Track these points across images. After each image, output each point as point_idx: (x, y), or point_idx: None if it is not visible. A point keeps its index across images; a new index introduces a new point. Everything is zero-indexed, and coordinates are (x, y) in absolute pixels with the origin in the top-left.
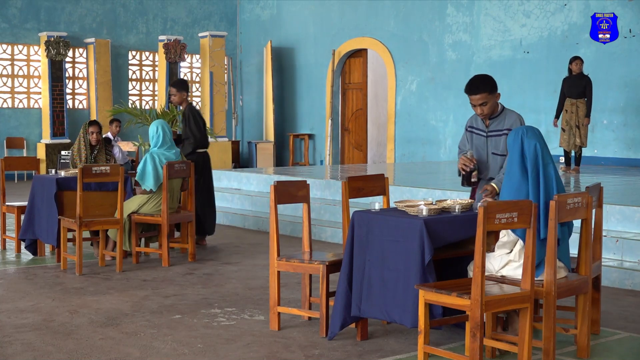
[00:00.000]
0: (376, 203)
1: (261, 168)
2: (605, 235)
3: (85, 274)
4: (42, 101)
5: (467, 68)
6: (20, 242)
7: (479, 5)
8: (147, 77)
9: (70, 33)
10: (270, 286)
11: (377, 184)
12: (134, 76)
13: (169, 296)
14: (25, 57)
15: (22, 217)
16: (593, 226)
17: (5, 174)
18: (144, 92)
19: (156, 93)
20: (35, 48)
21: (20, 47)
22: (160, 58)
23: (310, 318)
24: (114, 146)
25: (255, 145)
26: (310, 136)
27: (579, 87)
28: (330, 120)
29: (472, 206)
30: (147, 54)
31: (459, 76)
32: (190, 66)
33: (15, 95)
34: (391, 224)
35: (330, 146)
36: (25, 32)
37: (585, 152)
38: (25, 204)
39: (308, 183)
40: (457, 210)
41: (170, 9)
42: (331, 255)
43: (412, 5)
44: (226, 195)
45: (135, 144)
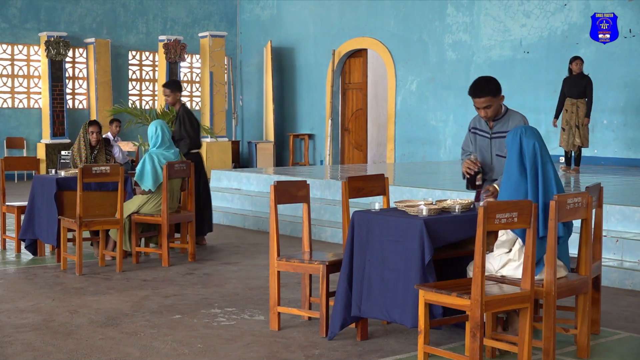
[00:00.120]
0: (376, 203)
1: (261, 168)
2: (605, 235)
3: (85, 274)
4: (42, 101)
5: (467, 68)
6: (20, 242)
7: (479, 5)
8: (147, 77)
9: (70, 33)
10: (270, 286)
11: (377, 184)
12: (134, 76)
13: (169, 296)
14: (25, 57)
15: (22, 217)
16: (593, 226)
17: (5, 174)
18: (144, 92)
19: (156, 93)
20: (35, 48)
21: (20, 47)
22: (160, 58)
23: (310, 318)
24: (114, 146)
25: (255, 145)
26: (310, 136)
27: (579, 87)
28: (330, 120)
29: (474, 206)
30: (147, 54)
31: (459, 76)
32: (190, 66)
33: (15, 95)
34: (391, 224)
35: (330, 146)
36: (25, 32)
37: (585, 152)
38: (25, 204)
39: (308, 183)
40: (457, 210)
41: (170, 9)
42: (331, 255)
43: (412, 5)
44: (226, 195)
45: (135, 144)
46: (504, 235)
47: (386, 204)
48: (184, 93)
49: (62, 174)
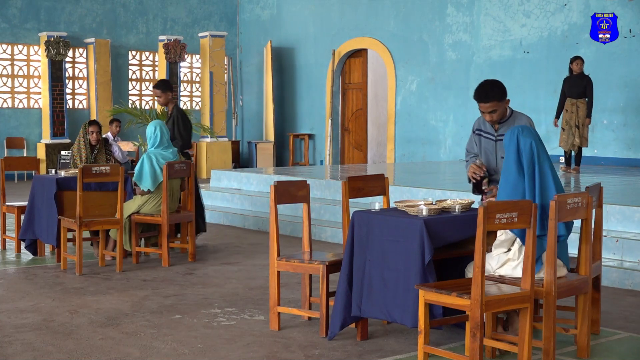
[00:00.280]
0: (376, 203)
1: (261, 168)
2: (605, 235)
3: (85, 274)
4: (42, 101)
5: (467, 68)
6: (20, 242)
7: (479, 5)
8: (147, 77)
9: (70, 33)
10: (270, 286)
11: (377, 184)
12: (134, 76)
13: (169, 296)
14: (25, 57)
15: (22, 217)
16: (593, 226)
17: (5, 174)
18: (144, 92)
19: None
20: (35, 48)
21: (20, 47)
22: (160, 58)
23: (310, 318)
24: (113, 145)
25: (255, 145)
26: (310, 136)
27: (579, 87)
28: (330, 120)
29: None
30: (147, 54)
31: (459, 76)
32: (190, 66)
33: (15, 95)
34: (391, 224)
35: (330, 146)
36: (25, 32)
37: (585, 152)
38: (25, 204)
39: (308, 183)
40: (457, 210)
41: (170, 9)
42: (331, 255)
43: (412, 5)
44: (226, 195)
45: (135, 144)
46: (502, 235)
47: (386, 204)
48: (184, 93)
49: (62, 174)
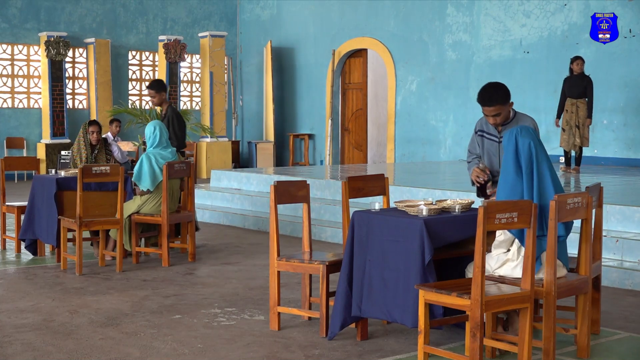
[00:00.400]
0: (376, 203)
1: (261, 168)
2: (605, 235)
3: (85, 274)
4: (42, 101)
5: (467, 68)
6: (20, 242)
7: (479, 5)
8: (147, 77)
9: (70, 33)
10: (270, 286)
11: (377, 184)
12: (134, 76)
13: (169, 296)
14: (25, 57)
15: (22, 217)
16: (593, 226)
17: (5, 174)
18: (144, 92)
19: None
20: (35, 48)
21: (20, 47)
22: (160, 58)
23: (310, 318)
24: (112, 145)
25: (255, 145)
26: (310, 136)
27: (579, 87)
28: (330, 120)
29: None
30: (147, 54)
31: (459, 76)
32: (190, 66)
33: (15, 95)
34: (391, 224)
35: (330, 146)
36: (25, 32)
37: (585, 152)
38: (25, 204)
39: (308, 183)
40: (457, 210)
41: (170, 9)
42: (331, 255)
43: (412, 5)
44: (226, 195)
45: (135, 144)
46: (501, 235)
47: (386, 204)
48: (184, 93)
49: (62, 174)
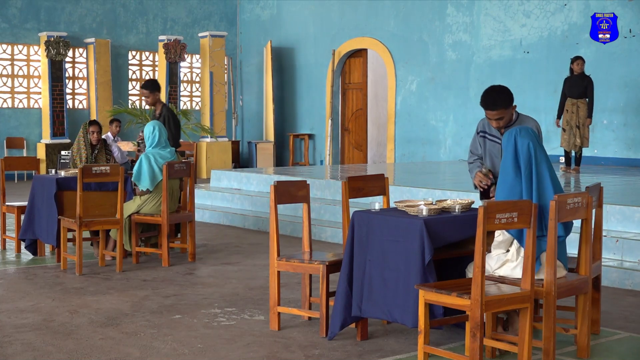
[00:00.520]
0: (376, 203)
1: (261, 168)
2: (605, 235)
3: (85, 274)
4: (42, 101)
5: (467, 68)
6: (20, 242)
7: (479, 5)
8: (147, 77)
9: (70, 33)
10: (270, 286)
11: (377, 184)
12: (134, 76)
13: (169, 296)
14: (25, 57)
15: (22, 217)
16: (593, 226)
17: (5, 174)
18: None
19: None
20: (35, 48)
21: (20, 47)
22: (160, 58)
23: (310, 318)
24: (112, 146)
25: (255, 145)
26: (310, 136)
27: (580, 87)
28: (330, 120)
29: None
30: (147, 54)
31: (459, 76)
32: (190, 66)
33: (15, 95)
34: (391, 224)
35: (330, 146)
36: (25, 32)
37: (585, 152)
38: (25, 204)
39: (308, 183)
40: (457, 210)
41: (170, 9)
42: (331, 255)
43: (412, 5)
44: (226, 195)
45: (135, 143)
46: (500, 235)
47: (386, 204)
48: (184, 93)
49: (62, 174)
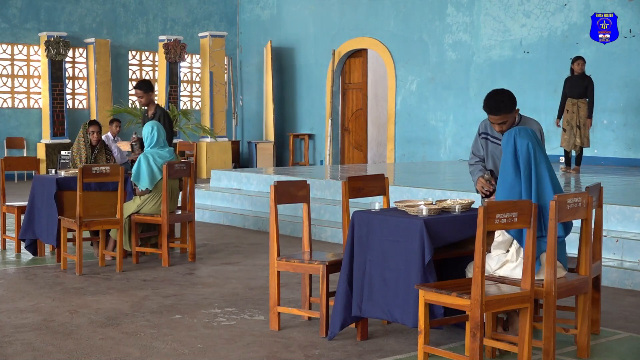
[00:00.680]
0: (376, 203)
1: (261, 168)
2: (605, 235)
3: (85, 274)
4: (42, 101)
5: (467, 68)
6: (20, 242)
7: (479, 5)
8: (147, 77)
9: (70, 33)
10: (270, 286)
11: (377, 184)
12: (134, 76)
13: (169, 296)
14: (25, 57)
15: (22, 217)
16: (593, 226)
17: (5, 174)
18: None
19: (156, 93)
20: (35, 48)
21: (20, 47)
22: (160, 58)
23: (310, 318)
24: (111, 145)
25: (255, 145)
26: (310, 136)
27: (580, 88)
28: (330, 120)
29: None
30: (147, 54)
31: (459, 76)
32: (190, 66)
33: (15, 95)
34: (391, 224)
35: (330, 146)
36: (25, 32)
37: (585, 152)
38: (25, 204)
39: (308, 183)
40: (457, 210)
41: (170, 9)
42: (331, 255)
43: (412, 5)
44: (226, 195)
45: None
46: (500, 236)
47: (386, 204)
48: (184, 93)
49: (62, 174)
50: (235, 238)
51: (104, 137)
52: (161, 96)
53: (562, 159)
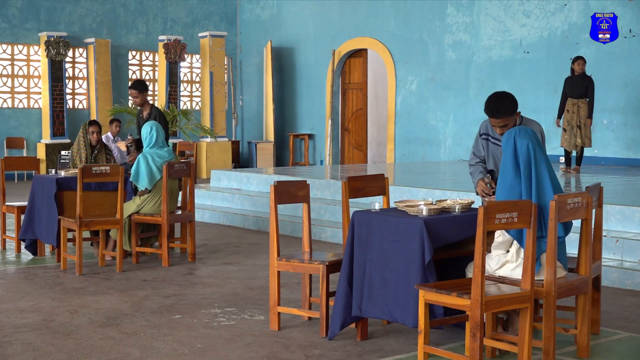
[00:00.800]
0: (376, 203)
1: (261, 168)
2: (605, 235)
3: (85, 274)
4: (42, 101)
5: (467, 68)
6: (20, 242)
7: (479, 5)
8: (147, 77)
9: (70, 33)
10: (270, 286)
11: (377, 184)
12: (134, 76)
13: (169, 296)
14: (25, 57)
15: (22, 217)
16: (593, 226)
17: (5, 174)
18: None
19: (156, 93)
20: (35, 48)
21: (20, 47)
22: (160, 58)
23: (310, 318)
24: (111, 145)
25: (255, 145)
26: (310, 136)
27: (580, 87)
28: (330, 120)
29: None
30: (147, 54)
31: (459, 76)
32: (190, 66)
33: (15, 95)
34: (391, 224)
35: (330, 146)
36: (25, 32)
37: (585, 152)
38: (25, 204)
39: (308, 183)
40: (457, 210)
41: (170, 9)
42: (331, 255)
43: (412, 5)
44: (226, 195)
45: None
46: (500, 236)
47: (386, 204)
48: (184, 93)
49: (62, 174)
50: (235, 238)
51: (103, 137)
52: (161, 96)
53: (562, 159)
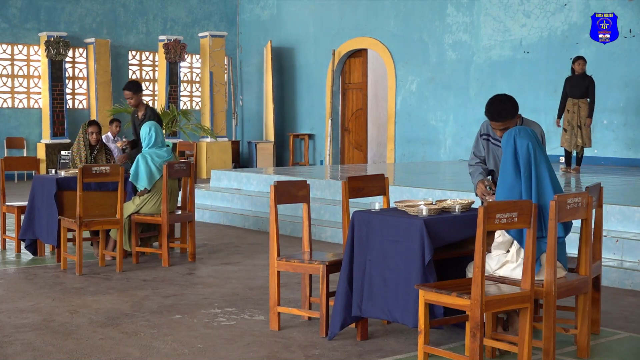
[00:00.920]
0: (376, 203)
1: (261, 168)
2: (605, 235)
3: (85, 274)
4: (42, 101)
5: (467, 68)
6: (20, 242)
7: (479, 5)
8: (147, 77)
9: (70, 33)
10: (270, 286)
11: (377, 184)
12: (134, 76)
13: (169, 296)
14: (25, 57)
15: (22, 217)
16: (593, 226)
17: (5, 174)
18: (143, 92)
19: (156, 93)
20: (35, 48)
21: (20, 47)
22: (160, 58)
23: (310, 318)
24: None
25: (255, 145)
26: (310, 136)
27: (581, 87)
28: (330, 120)
29: None
30: (147, 54)
31: (459, 76)
32: (190, 66)
33: (15, 95)
34: (391, 224)
35: (330, 146)
36: (25, 32)
37: (586, 152)
38: (25, 204)
39: (308, 183)
40: (457, 210)
41: (170, 9)
42: (331, 255)
43: (412, 5)
44: (226, 195)
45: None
46: (500, 236)
47: (386, 204)
48: (184, 93)
49: (62, 174)
50: (235, 238)
51: (103, 137)
52: (161, 96)
53: (562, 159)
